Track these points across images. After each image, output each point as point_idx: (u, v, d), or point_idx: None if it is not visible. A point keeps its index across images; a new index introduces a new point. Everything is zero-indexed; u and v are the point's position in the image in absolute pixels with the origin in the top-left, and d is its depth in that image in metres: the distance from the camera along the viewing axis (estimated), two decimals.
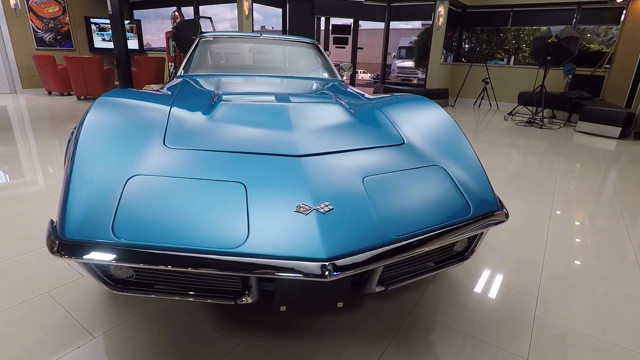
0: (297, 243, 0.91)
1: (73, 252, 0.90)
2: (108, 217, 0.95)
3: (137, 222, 0.95)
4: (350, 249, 0.92)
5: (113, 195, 1.01)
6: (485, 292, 1.64)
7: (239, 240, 0.91)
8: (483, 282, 1.72)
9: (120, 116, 1.31)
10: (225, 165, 1.14)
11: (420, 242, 1.02)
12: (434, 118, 1.60)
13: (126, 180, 1.06)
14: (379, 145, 1.38)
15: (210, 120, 1.42)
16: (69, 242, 0.91)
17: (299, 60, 2.89)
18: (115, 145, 1.17)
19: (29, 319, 1.36)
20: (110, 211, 0.97)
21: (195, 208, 0.99)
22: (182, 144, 1.24)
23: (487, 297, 1.60)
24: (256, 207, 0.99)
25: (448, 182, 1.24)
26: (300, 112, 1.49)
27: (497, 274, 1.79)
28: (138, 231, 0.93)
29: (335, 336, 1.34)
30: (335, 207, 1.01)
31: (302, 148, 1.25)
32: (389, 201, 1.08)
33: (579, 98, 6.53)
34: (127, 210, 0.97)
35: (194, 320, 1.38)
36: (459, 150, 1.40)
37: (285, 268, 0.87)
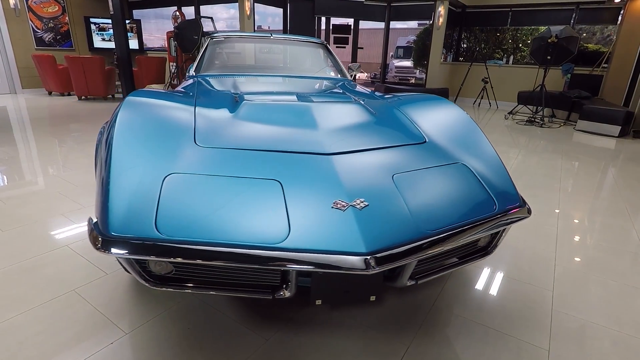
0: (338, 238, 0.94)
1: (119, 248, 0.93)
2: (150, 214, 0.98)
3: (179, 218, 0.98)
4: (389, 243, 0.95)
5: (152, 193, 1.03)
6: (501, 287, 1.68)
7: (281, 236, 0.94)
8: (499, 277, 1.75)
9: (150, 116, 1.33)
10: (258, 163, 1.16)
11: (454, 237, 1.05)
12: (451, 116, 1.63)
13: (163, 178, 1.08)
14: (402, 143, 1.41)
15: (236, 119, 1.44)
16: (115, 239, 0.94)
17: (309, 60, 2.92)
18: (149, 144, 1.19)
19: (59, 316, 1.38)
20: (151, 208, 0.99)
21: (235, 205, 1.01)
22: (213, 142, 1.27)
23: (504, 292, 1.64)
24: (294, 204, 1.02)
25: (472, 179, 1.28)
26: (323, 112, 1.51)
27: (511, 269, 1.84)
28: (181, 228, 0.96)
29: (361, 330, 1.37)
30: (370, 203, 1.04)
31: (330, 146, 1.28)
32: (419, 197, 1.12)
33: (578, 97, 6.61)
34: (168, 207, 1.00)
35: (222, 316, 1.41)
36: (479, 148, 1.44)
37: (329, 262, 0.90)
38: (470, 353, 1.28)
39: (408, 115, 1.65)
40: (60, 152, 3.58)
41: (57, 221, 2.15)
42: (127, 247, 0.93)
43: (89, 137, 4.24)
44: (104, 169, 1.11)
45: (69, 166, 3.16)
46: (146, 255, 0.92)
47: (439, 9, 7.83)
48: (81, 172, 3.01)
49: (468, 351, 1.29)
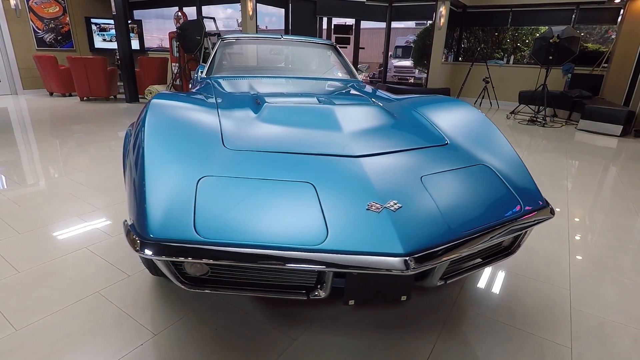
0: (375, 240, 0.96)
1: (159, 250, 0.94)
2: (188, 216, 0.99)
3: (217, 221, 0.99)
4: (425, 244, 0.97)
5: (188, 196, 1.05)
6: (519, 286, 1.70)
7: (319, 237, 0.96)
8: (515, 277, 1.78)
9: (177, 119, 1.35)
10: (289, 166, 1.18)
11: (485, 237, 1.07)
12: (469, 117, 1.65)
13: (197, 180, 1.10)
14: (425, 145, 1.43)
15: (260, 122, 1.46)
16: (154, 242, 0.95)
17: (320, 62, 2.94)
18: (180, 147, 1.21)
19: (86, 318, 1.39)
20: (189, 211, 1.01)
21: (271, 207, 1.03)
22: (241, 145, 1.28)
23: (522, 291, 1.67)
24: (329, 206, 1.04)
25: (496, 180, 1.30)
26: (345, 114, 1.53)
27: (527, 268, 1.86)
28: (219, 230, 0.97)
29: (386, 330, 1.39)
30: (403, 205, 1.06)
31: (357, 149, 1.29)
32: (448, 198, 1.14)
33: (579, 97, 6.66)
34: (205, 209, 1.01)
35: (247, 316, 1.43)
36: (499, 149, 1.46)
37: (369, 263, 0.91)
38: (495, 351, 1.31)
39: (426, 116, 1.67)
40: (67, 154, 3.58)
41: (73, 223, 2.15)
42: (167, 250, 0.94)
43: (95, 138, 4.24)
44: (137, 172, 1.12)
45: (77, 168, 3.16)
46: (187, 258, 0.94)
47: (440, 9, 7.87)
48: (90, 174, 3.01)
49: (492, 349, 1.31)
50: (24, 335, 1.30)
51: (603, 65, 7.50)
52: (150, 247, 0.95)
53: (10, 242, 1.92)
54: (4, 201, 2.42)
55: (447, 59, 9.29)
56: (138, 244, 0.97)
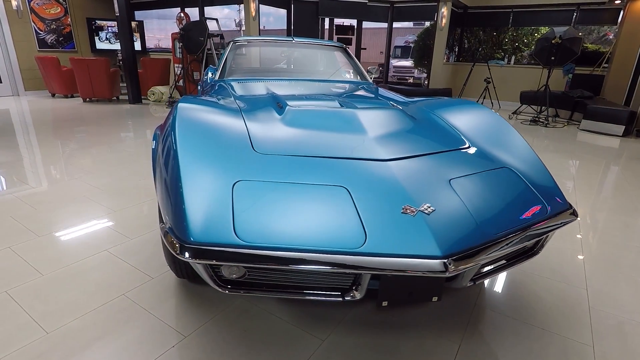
0: (412, 242, 0.98)
1: (202, 254, 0.96)
2: (228, 220, 1.01)
3: (256, 224, 1.01)
4: (461, 246, 0.99)
5: (225, 200, 1.07)
6: (537, 286, 1.73)
7: (358, 240, 0.98)
8: (532, 276, 1.81)
9: (206, 123, 1.37)
10: (321, 170, 1.20)
11: (515, 239, 1.10)
12: (487, 120, 1.68)
13: (232, 184, 1.12)
14: (448, 149, 1.46)
15: (286, 126, 1.48)
16: (196, 246, 0.97)
17: (331, 64, 2.96)
18: (212, 152, 1.23)
19: (115, 321, 1.41)
20: (227, 215, 1.03)
21: (308, 211, 1.05)
22: (271, 149, 1.30)
23: (540, 290, 1.70)
24: (365, 209, 1.06)
25: (521, 183, 1.32)
26: (368, 118, 1.55)
27: (542, 268, 1.89)
28: (259, 233, 0.99)
29: (412, 330, 1.41)
30: (436, 208, 1.08)
31: (385, 152, 1.32)
32: (477, 201, 1.16)
33: (580, 97, 6.72)
34: (243, 213, 1.03)
35: (275, 317, 1.45)
36: (520, 151, 1.49)
37: (408, 266, 0.94)
38: (519, 351, 1.33)
39: (445, 119, 1.70)
40: (76, 156, 3.58)
41: (90, 225, 2.17)
42: (209, 254, 0.96)
43: (101, 139, 4.24)
44: (172, 176, 1.14)
45: (87, 170, 3.17)
46: (229, 261, 0.96)
47: (442, 10, 7.90)
48: (101, 176, 3.02)
49: (516, 349, 1.34)
50: (55, 338, 1.32)
51: (604, 66, 7.56)
52: (191, 251, 0.97)
53: (30, 245, 1.93)
54: (19, 204, 2.43)
55: (449, 60, 9.33)
56: (177, 248, 0.99)
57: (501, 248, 1.06)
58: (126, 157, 3.60)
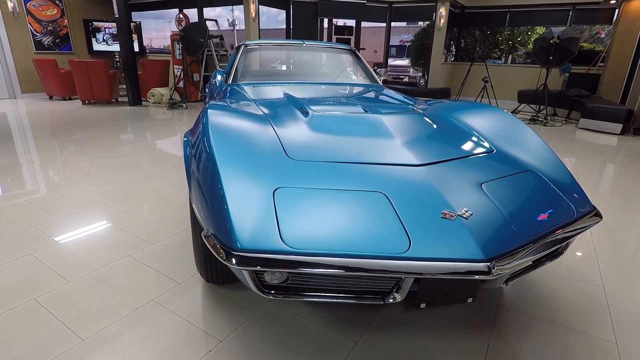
0: (455, 246, 1.01)
1: (250, 261, 0.98)
2: (273, 227, 1.03)
3: (301, 230, 1.03)
4: (501, 249, 1.03)
5: (268, 206, 1.09)
6: (555, 284, 1.78)
7: (402, 245, 1.01)
8: (550, 275, 1.85)
9: (238, 129, 1.39)
10: (358, 176, 1.23)
11: (547, 241, 1.14)
12: (506, 123, 1.72)
13: (273, 191, 1.14)
14: (475, 153, 1.49)
15: (314, 132, 1.50)
16: (245, 252, 0.99)
17: (341, 67, 2.99)
18: (248, 158, 1.25)
19: (149, 327, 1.42)
20: (272, 221, 1.05)
21: (350, 217, 1.08)
22: (304, 156, 1.33)
23: (559, 288, 1.74)
24: (406, 214, 1.09)
25: (547, 186, 1.37)
26: (393, 123, 1.59)
27: (558, 267, 1.94)
28: (305, 239, 1.02)
29: (440, 330, 1.45)
30: (474, 212, 1.11)
31: (416, 158, 1.35)
32: (510, 205, 1.20)
33: (577, 96, 6.82)
34: (287, 219, 1.06)
35: (306, 321, 1.47)
36: (542, 155, 1.53)
37: (454, 269, 0.97)
38: (545, 349, 1.37)
39: (465, 123, 1.73)
40: (83, 160, 3.57)
41: (109, 230, 2.17)
42: (257, 261, 0.98)
43: (106, 143, 4.23)
44: (212, 182, 1.16)
45: (96, 174, 3.16)
46: (277, 268, 0.98)
47: (440, 10, 7.97)
48: (112, 180, 3.02)
49: (543, 347, 1.38)
50: (92, 345, 1.33)
51: (599, 65, 7.68)
52: (239, 258, 0.99)
53: (52, 252, 1.93)
54: (34, 210, 2.43)
55: (446, 59, 9.40)
56: (223, 254, 1.01)
57: (536, 250, 1.10)
58: (133, 160, 3.59)
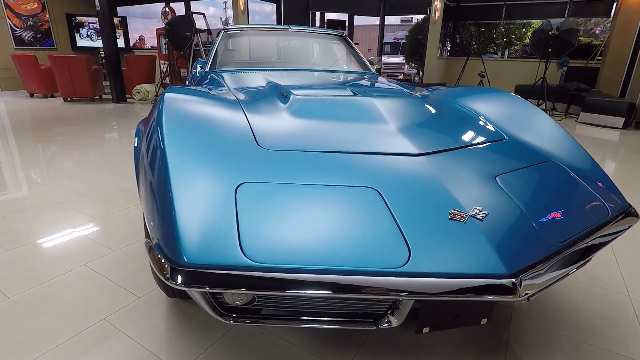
0: (469, 257, 0.78)
1: (199, 279, 0.74)
2: (232, 235, 0.79)
3: (268, 239, 0.80)
4: (528, 260, 0.79)
5: (227, 208, 0.85)
6: (574, 294, 1.55)
7: (400, 257, 0.77)
8: (566, 282, 1.63)
9: (198, 115, 1.14)
10: (343, 168, 0.99)
11: (581, 247, 0.90)
12: (518, 108, 1.49)
13: (235, 188, 0.90)
14: (484, 141, 1.26)
15: (292, 117, 1.26)
16: (191, 268, 0.75)
17: (331, 54, 2.75)
18: (208, 149, 1.00)
19: (96, 353, 1.17)
20: (231, 228, 0.81)
21: (332, 219, 0.84)
22: (279, 144, 1.09)
23: (579, 299, 1.52)
24: (403, 216, 0.85)
25: (572, 179, 1.14)
26: (387, 106, 1.35)
27: (577, 273, 1.71)
28: (273, 251, 0.78)
29: (445, 352, 1.21)
30: (489, 212, 0.88)
31: (415, 146, 1.11)
32: (533, 202, 0.97)
33: (576, 90, 6.64)
34: (251, 224, 0.82)
35: (284, 343, 1.23)
36: (562, 142, 1.30)
37: (468, 287, 0.73)
38: None
39: (470, 108, 1.50)
40: (53, 158, 3.29)
41: (68, 236, 1.91)
42: (209, 278, 0.74)
43: (83, 141, 3.95)
44: (159, 180, 0.91)
45: (66, 173, 2.89)
46: (235, 288, 0.74)
47: (435, 3, 7.75)
48: (81, 180, 2.75)
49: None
50: None
51: (597, 58, 7.51)
52: (185, 275, 0.75)
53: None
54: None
55: (442, 54, 9.20)
56: (168, 271, 0.77)
57: (569, 260, 0.87)
58: (110, 159, 3.33)
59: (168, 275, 0.77)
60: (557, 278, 0.85)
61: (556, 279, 0.85)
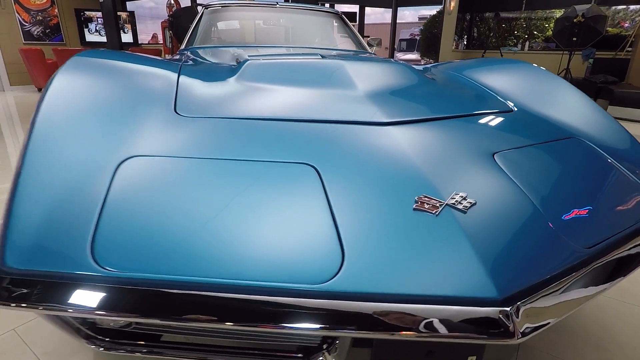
0: (438, 269, 0.49)
1: (20, 295, 0.49)
2: (83, 230, 0.54)
3: (138, 238, 0.54)
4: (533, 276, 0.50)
5: (92, 192, 0.59)
6: (602, 312, 1.23)
7: (328, 267, 0.50)
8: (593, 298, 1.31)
9: (105, 80, 0.89)
10: (275, 140, 0.72)
11: (619, 259, 0.61)
12: (536, 77, 1.19)
13: (117, 165, 0.64)
14: (482, 112, 0.96)
15: (241, 82, 1.00)
16: (16, 276, 0.50)
17: (324, 33, 2.47)
18: (99, 118, 0.75)
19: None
20: (87, 220, 0.55)
21: (240, 210, 0.57)
22: (203, 110, 0.83)
23: (609, 319, 1.20)
24: (344, 203, 0.58)
25: (603, 161, 0.83)
26: (361, 70, 1.07)
27: None
28: (140, 255, 0.52)
29: None
30: (478, 201, 0.59)
31: (384, 113, 0.83)
32: (547, 191, 0.67)
33: (604, 82, 6.15)
34: (120, 217, 0.56)
35: None
36: (591, 116, 0.99)
37: (431, 319, 0.45)
38: None
39: (476, 80, 1.20)
40: None
41: None
42: (35, 294, 0.49)
43: None
44: (21, 153, 0.67)
45: None
46: (69, 309, 0.48)
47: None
48: None
49: None
50: None
51: (627, 49, 6.96)
52: (5, 287, 0.50)
53: None
54: None
55: (458, 47, 8.78)
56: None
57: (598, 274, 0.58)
58: None
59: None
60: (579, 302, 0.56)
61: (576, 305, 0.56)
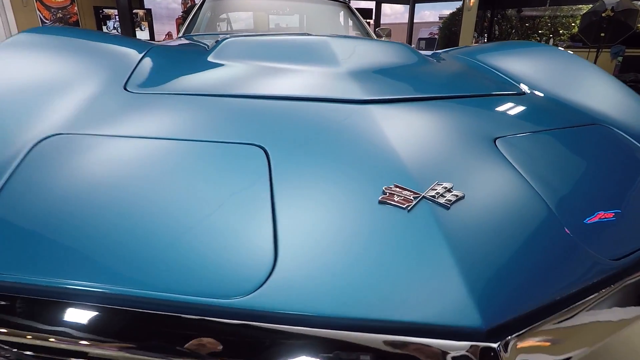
0: (402, 284, 0.37)
1: None
2: None
3: (31, 233, 0.43)
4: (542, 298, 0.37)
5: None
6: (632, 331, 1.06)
7: (251, 277, 0.38)
8: None
9: (43, 55, 0.79)
10: (230, 117, 0.61)
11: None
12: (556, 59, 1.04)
13: (34, 144, 0.54)
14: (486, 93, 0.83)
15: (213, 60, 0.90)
16: None
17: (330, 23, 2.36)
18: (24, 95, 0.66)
19: None
20: None
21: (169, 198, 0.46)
22: (156, 87, 0.73)
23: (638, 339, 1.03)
24: (293, 194, 0.46)
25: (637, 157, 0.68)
26: (347, 47, 0.95)
27: None
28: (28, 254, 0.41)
29: None
30: (467, 195, 0.46)
31: (363, 90, 0.70)
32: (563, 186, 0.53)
33: (634, 81, 5.81)
34: (14, 205, 0.45)
35: None
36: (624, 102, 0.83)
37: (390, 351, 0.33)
38: None
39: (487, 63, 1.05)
40: None
41: None
42: None
43: None
44: None
45: None
46: None
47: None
48: None
49: None
50: None
51: None
52: None
53: None
54: None
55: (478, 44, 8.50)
56: None
57: (632, 294, 0.44)
58: None
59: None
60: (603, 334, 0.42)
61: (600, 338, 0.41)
